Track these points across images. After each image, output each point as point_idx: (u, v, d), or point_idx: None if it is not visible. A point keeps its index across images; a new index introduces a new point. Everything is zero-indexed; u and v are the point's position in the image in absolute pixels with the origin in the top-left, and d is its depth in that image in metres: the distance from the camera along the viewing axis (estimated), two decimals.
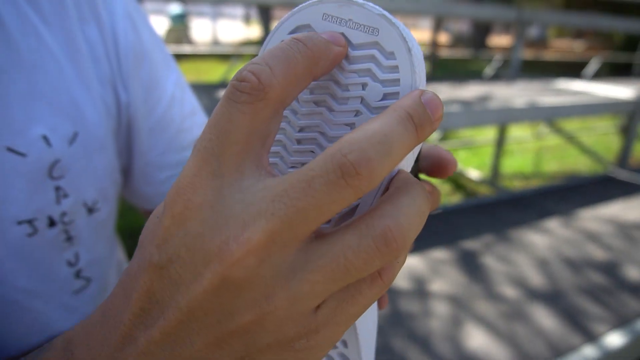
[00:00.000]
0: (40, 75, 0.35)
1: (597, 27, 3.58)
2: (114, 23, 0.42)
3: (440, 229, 2.09)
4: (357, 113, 0.21)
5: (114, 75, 0.41)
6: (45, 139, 0.35)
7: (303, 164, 0.23)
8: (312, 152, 0.23)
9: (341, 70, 0.21)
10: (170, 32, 9.00)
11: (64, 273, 0.39)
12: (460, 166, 3.35)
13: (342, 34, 0.21)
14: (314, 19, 0.21)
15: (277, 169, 0.23)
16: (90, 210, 0.40)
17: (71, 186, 0.37)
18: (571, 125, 4.40)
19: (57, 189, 0.36)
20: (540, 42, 15.27)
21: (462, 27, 14.27)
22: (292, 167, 0.23)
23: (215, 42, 10.48)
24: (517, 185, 3.22)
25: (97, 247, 0.42)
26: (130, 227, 2.05)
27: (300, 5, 0.21)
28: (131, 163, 0.47)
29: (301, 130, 0.23)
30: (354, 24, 0.21)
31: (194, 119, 0.48)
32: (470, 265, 1.79)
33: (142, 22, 0.46)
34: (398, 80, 0.20)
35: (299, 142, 0.23)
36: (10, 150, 0.33)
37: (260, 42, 10.99)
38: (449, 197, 2.90)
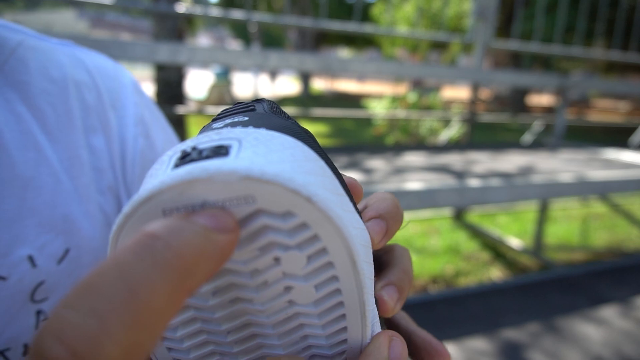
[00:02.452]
0: (34, 192, 0.33)
1: None
2: (124, 130, 0.41)
3: (479, 312, 1.94)
4: (288, 288, 0.16)
5: (117, 184, 0.40)
6: (31, 259, 0.33)
7: None
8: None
9: (236, 259, 0.15)
10: (213, 88, 9.45)
11: None
12: (500, 233, 3.18)
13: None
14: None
15: None
16: None
17: None
18: (623, 195, 4.17)
19: (38, 313, 0.33)
20: (582, 102, 15.01)
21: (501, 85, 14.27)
22: None
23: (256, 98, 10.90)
24: (563, 257, 3.01)
25: None
26: None
27: (132, 203, 0.14)
28: None
29: (230, 332, 0.17)
30: (214, 201, 0.14)
31: None
32: (513, 358, 1.62)
33: (156, 126, 0.45)
34: (315, 236, 0.15)
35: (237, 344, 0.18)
36: None
37: (298, 98, 11.43)
38: (487, 267, 2.72)
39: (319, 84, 17.20)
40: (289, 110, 2.92)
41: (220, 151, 0.14)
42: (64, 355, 0.10)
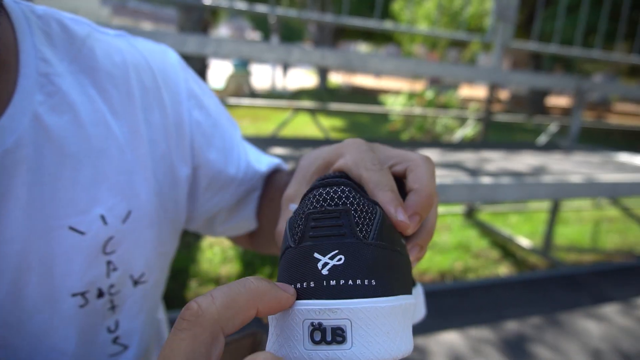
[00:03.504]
0: (105, 160, 0.40)
1: None
2: (178, 106, 0.47)
3: (484, 304, 1.99)
4: None
5: (170, 152, 0.46)
6: (103, 218, 0.39)
7: None
8: None
9: None
10: (232, 77, 9.53)
11: (102, 338, 0.42)
12: (510, 233, 3.21)
13: None
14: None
15: None
16: (136, 283, 0.44)
17: (120, 260, 0.41)
18: (633, 199, 4.15)
19: (108, 263, 0.40)
20: (602, 105, 14.72)
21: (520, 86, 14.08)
22: None
23: (274, 89, 10.97)
24: (572, 258, 3.03)
25: (139, 317, 0.45)
26: (173, 268, 2.11)
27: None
28: (214, 210, 0.53)
29: None
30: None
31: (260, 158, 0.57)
32: (516, 350, 1.68)
33: (206, 97, 0.51)
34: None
35: None
36: (72, 229, 0.37)
37: (315, 91, 11.47)
38: (496, 265, 2.77)
39: (336, 78, 17.18)
40: (306, 103, 3.00)
41: (338, 336, 0.22)
42: (194, 305, 0.20)
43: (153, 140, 0.44)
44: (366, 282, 0.23)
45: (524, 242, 3.06)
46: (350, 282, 0.23)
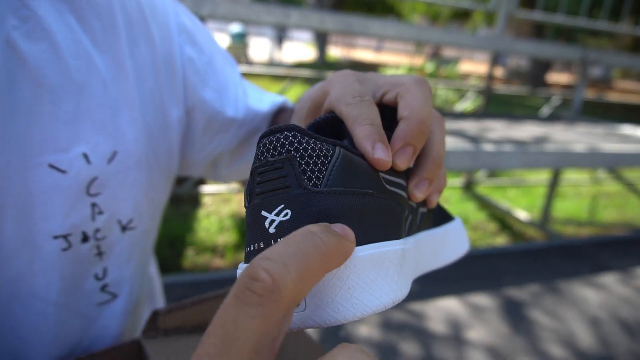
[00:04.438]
0: (87, 96, 0.37)
1: None
2: (169, 41, 0.43)
3: (483, 272, 2.00)
4: None
5: (161, 89, 0.43)
6: (86, 156, 0.37)
7: None
8: None
9: None
10: (229, 49, 9.38)
11: (89, 285, 0.40)
12: (509, 205, 3.21)
13: None
14: None
15: None
16: (124, 229, 0.41)
17: (107, 203, 0.39)
18: (633, 173, 4.14)
19: (93, 205, 0.38)
20: (604, 82, 14.63)
21: (521, 61, 13.94)
22: None
23: (271, 63, 10.80)
24: (570, 231, 3.04)
25: (128, 266, 0.43)
26: (170, 236, 2.10)
27: None
28: (215, 154, 0.50)
29: None
30: None
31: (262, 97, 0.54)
32: (514, 315, 1.69)
33: (200, 32, 0.48)
34: None
35: None
36: (52, 167, 0.35)
37: (314, 65, 11.30)
38: (493, 237, 2.78)
39: (335, 52, 16.94)
40: (304, 72, 2.93)
41: None
42: (266, 277, 0.17)
43: (140, 76, 0.41)
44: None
45: (522, 215, 3.06)
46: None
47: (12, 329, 0.37)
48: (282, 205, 0.22)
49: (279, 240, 0.21)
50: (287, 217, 0.22)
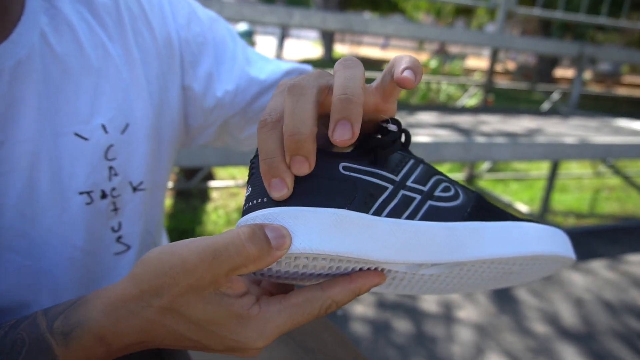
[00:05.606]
0: (104, 78, 0.45)
1: None
2: (166, 27, 0.51)
3: None
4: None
5: (164, 74, 0.50)
6: (104, 127, 0.45)
7: None
8: None
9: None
10: None
11: (107, 236, 0.48)
12: (510, 199, 3.27)
13: None
14: None
15: None
16: (135, 189, 0.49)
17: (121, 167, 0.47)
18: (636, 166, 4.18)
19: (110, 168, 0.46)
20: (612, 76, 14.48)
21: (529, 57, 13.86)
22: None
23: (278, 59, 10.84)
24: (570, 223, 3.10)
25: (139, 222, 0.51)
26: (180, 229, 2.20)
27: None
28: (224, 119, 0.56)
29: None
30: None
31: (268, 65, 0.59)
32: (501, 295, 1.78)
33: (197, 10, 0.54)
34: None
35: None
36: (77, 135, 0.43)
37: (320, 63, 11.34)
38: None
39: (342, 49, 16.96)
40: (311, 69, 3.01)
41: None
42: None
43: (145, 62, 0.48)
44: (259, 200, 0.30)
45: (522, 207, 3.12)
46: (250, 203, 0.30)
47: (48, 270, 0.44)
48: (249, 186, 0.32)
49: (244, 207, 0.31)
50: (249, 192, 0.31)
